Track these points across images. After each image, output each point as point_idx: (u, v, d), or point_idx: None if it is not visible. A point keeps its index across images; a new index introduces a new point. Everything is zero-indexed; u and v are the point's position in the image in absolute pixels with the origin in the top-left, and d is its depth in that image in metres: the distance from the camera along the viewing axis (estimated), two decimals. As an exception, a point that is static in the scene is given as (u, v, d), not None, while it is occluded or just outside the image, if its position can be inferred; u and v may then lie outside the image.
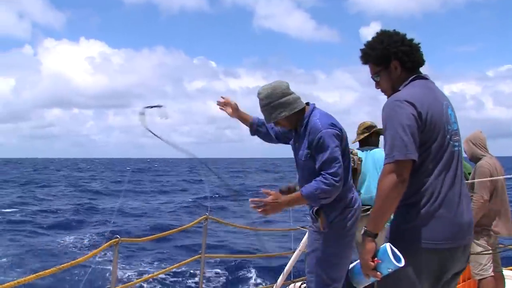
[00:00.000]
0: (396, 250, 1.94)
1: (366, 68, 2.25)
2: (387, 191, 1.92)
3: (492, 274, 4.21)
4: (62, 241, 14.74)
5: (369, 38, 2.23)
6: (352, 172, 4.03)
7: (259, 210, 2.69)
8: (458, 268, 2.11)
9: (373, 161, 4.24)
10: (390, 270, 1.93)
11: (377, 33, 2.21)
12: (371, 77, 2.24)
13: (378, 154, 4.25)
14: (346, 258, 2.77)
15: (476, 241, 4.13)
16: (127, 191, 31.35)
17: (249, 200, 2.71)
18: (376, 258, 1.96)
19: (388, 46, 2.13)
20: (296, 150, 2.93)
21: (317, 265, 2.78)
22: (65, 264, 3.20)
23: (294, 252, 4.03)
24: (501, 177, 4.16)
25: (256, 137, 3.27)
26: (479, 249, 4.14)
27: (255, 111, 3.05)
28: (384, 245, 1.97)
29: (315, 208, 2.80)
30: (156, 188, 36.45)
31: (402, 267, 1.90)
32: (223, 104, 3.29)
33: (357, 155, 4.03)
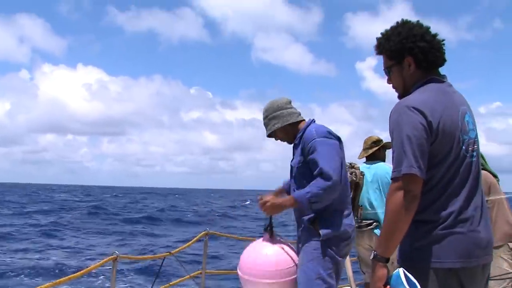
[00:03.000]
0: (410, 275, 1.74)
1: (361, 103, 2.04)
2: (397, 209, 1.72)
3: None
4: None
5: (369, 67, 2.05)
6: (355, 186, 4.02)
7: (262, 209, 2.72)
8: None
9: (376, 175, 4.18)
10: None
11: (397, 22, 1.94)
12: (383, 69, 2.00)
13: (381, 168, 4.20)
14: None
15: (503, 257, 3.62)
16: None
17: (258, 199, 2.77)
18: (388, 286, 1.78)
19: (405, 40, 1.87)
20: (291, 161, 2.93)
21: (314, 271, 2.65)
22: (61, 279, 3.14)
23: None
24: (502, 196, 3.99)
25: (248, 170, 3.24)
26: (505, 265, 3.61)
27: (252, 142, 3.05)
28: (397, 270, 1.78)
29: (308, 218, 2.71)
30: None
31: None
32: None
33: (359, 169, 3.98)
